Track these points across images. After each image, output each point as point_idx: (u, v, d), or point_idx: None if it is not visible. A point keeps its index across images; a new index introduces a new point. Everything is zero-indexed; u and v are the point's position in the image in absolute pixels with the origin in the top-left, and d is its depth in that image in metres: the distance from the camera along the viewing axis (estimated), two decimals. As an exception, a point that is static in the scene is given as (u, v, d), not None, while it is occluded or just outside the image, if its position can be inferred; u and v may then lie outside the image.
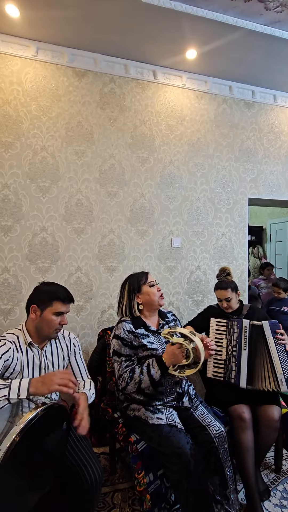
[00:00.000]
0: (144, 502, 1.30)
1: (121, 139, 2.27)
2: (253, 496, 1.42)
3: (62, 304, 1.25)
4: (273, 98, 2.72)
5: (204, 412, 1.44)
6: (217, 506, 1.30)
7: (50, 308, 1.24)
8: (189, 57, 2.19)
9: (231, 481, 1.34)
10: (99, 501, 1.48)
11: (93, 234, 2.18)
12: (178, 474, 1.22)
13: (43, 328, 1.25)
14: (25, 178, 2.03)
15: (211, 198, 2.51)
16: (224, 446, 1.34)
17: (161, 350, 1.43)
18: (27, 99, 2.05)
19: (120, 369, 1.38)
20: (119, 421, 1.52)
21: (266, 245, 5.16)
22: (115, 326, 1.49)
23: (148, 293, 1.51)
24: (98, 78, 2.22)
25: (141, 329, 1.47)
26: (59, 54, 2.10)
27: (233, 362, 1.63)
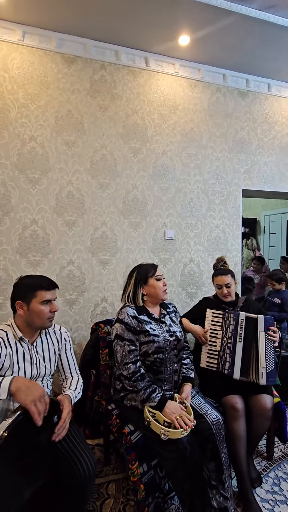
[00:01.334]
0: (138, 492, 1.32)
1: (113, 129, 2.21)
2: (244, 483, 1.45)
3: (46, 292, 1.23)
4: (267, 87, 2.68)
5: (201, 401, 1.47)
6: (212, 491, 1.33)
7: (35, 299, 1.21)
8: (182, 43, 2.12)
9: (226, 467, 1.37)
10: (94, 492, 1.50)
11: (85, 227, 2.15)
12: (174, 461, 1.24)
13: (35, 320, 1.22)
14: (13, 169, 1.97)
15: (205, 189, 2.49)
16: (221, 433, 1.37)
17: (162, 337, 1.45)
18: (14, 87, 1.97)
19: (124, 354, 1.39)
20: (113, 413, 1.52)
21: (260, 237, 5.18)
22: (119, 311, 1.51)
23: (154, 286, 1.53)
24: (88, 64, 2.14)
25: (144, 315, 1.49)
26: (46, 38, 2.02)
27: (228, 353, 1.64)
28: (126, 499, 1.48)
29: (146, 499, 1.31)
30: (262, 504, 1.46)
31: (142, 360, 1.43)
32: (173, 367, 1.46)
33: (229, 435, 1.47)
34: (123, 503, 1.46)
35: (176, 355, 1.49)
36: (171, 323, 1.56)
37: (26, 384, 1.01)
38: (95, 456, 1.75)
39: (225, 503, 1.31)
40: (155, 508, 1.35)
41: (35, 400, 0.99)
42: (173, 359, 1.47)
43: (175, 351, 1.48)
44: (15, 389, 0.99)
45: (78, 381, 1.38)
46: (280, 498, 1.50)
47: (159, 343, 1.42)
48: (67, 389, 1.32)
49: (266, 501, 1.49)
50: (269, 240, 5.03)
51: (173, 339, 1.48)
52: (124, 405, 1.44)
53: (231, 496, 1.35)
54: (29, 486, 1.05)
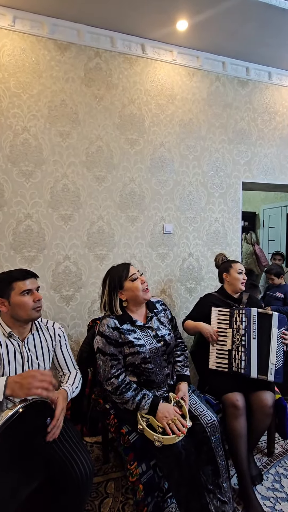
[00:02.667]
0: (137, 492, 1.29)
1: (109, 119, 2.13)
2: (245, 481, 1.43)
3: (22, 282, 1.19)
4: (268, 76, 2.59)
5: (196, 402, 1.41)
6: (209, 495, 1.29)
7: (14, 292, 1.17)
8: (180, 28, 2.04)
9: (224, 469, 1.33)
10: (92, 491, 1.47)
11: (81, 221, 2.09)
12: (169, 465, 1.21)
13: (19, 313, 1.18)
14: (6, 161, 1.90)
15: (204, 182, 2.43)
16: (216, 436, 1.32)
17: (148, 346, 1.36)
18: (4, 75, 1.89)
19: (106, 369, 1.32)
20: (111, 412, 1.49)
21: (259, 231, 5.13)
22: (100, 322, 1.41)
23: (131, 289, 1.39)
24: (82, 51, 2.06)
25: (127, 324, 1.38)
26: (38, 24, 1.93)
27: (242, 351, 1.57)
28: (125, 498, 1.46)
29: (145, 499, 1.29)
30: (263, 501, 1.44)
31: (131, 370, 1.36)
32: (164, 372, 1.39)
33: (230, 433, 1.45)
34: (122, 502, 1.44)
35: (166, 359, 1.41)
36: (159, 326, 1.45)
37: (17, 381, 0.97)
38: (94, 454, 1.74)
39: (223, 508, 1.28)
40: (155, 507, 1.33)
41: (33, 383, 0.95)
42: (163, 364, 1.39)
43: (164, 357, 1.39)
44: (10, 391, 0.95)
45: (76, 376, 1.35)
46: (281, 495, 1.49)
47: (145, 353, 1.34)
48: (64, 384, 1.29)
49: (267, 499, 1.47)
50: (268, 234, 4.98)
51: (161, 345, 1.39)
52: (118, 407, 1.39)
53: (229, 499, 1.30)
54: (24, 487, 1.02)
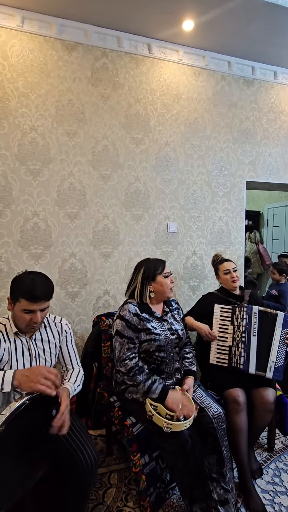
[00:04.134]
0: (140, 482, 1.34)
1: (115, 119, 2.16)
2: (245, 475, 1.46)
3: (28, 303, 1.12)
4: (273, 75, 2.60)
5: (202, 395, 1.47)
6: (213, 484, 1.33)
7: (18, 304, 1.14)
8: (186, 28, 2.05)
9: (227, 459, 1.38)
10: (96, 482, 1.52)
11: (86, 219, 2.12)
12: (175, 454, 1.25)
13: (17, 322, 1.19)
14: (14, 160, 1.94)
15: (208, 181, 2.44)
16: (222, 427, 1.38)
17: (164, 336, 1.44)
18: (13, 75, 1.92)
19: (122, 351, 1.39)
20: (115, 405, 1.53)
21: (263, 230, 5.13)
22: (121, 307, 1.50)
23: (161, 283, 1.51)
24: (89, 51, 2.08)
25: (146, 313, 1.48)
26: (46, 24, 1.96)
27: (242, 348, 1.61)
28: (128, 488, 1.50)
29: (147, 489, 1.33)
30: (262, 495, 1.48)
31: (143, 357, 1.42)
32: (174, 365, 1.46)
33: (231, 428, 1.48)
34: (125, 492, 1.48)
35: (177, 353, 1.49)
36: (173, 321, 1.55)
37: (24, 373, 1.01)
38: (98, 447, 1.78)
39: (226, 495, 1.32)
40: (157, 498, 1.37)
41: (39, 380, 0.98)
42: (175, 357, 1.47)
43: (176, 349, 1.47)
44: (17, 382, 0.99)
45: (79, 373, 1.38)
46: (280, 489, 1.52)
47: (160, 342, 1.42)
48: (66, 381, 1.31)
49: (267, 492, 1.50)
50: (272, 233, 4.98)
51: (175, 337, 1.48)
52: (125, 398, 1.44)
53: (231, 488, 1.35)
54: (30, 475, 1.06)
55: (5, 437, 0.87)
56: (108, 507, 1.40)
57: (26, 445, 1.01)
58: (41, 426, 1.07)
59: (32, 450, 1.04)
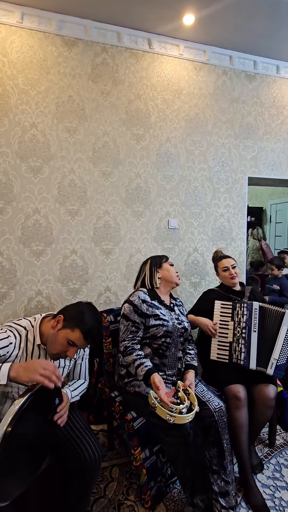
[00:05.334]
0: (141, 476, 1.35)
1: (115, 115, 2.15)
2: (246, 469, 1.47)
3: (81, 338, 1.13)
4: (276, 69, 2.57)
5: (203, 389, 1.50)
6: (213, 476, 1.35)
7: (69, 332, 1.13)
8: (187, 22, 2.03)
9: (228, 452, 1.39)
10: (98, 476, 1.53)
11: (87, 216, 2.13)
12: (176, 446, 1.26)
13: (51, 343, 1.15)
14: (15, 157, 1.95)
15: (210, 177, 2.43)
16: (223, 420, 1.40)
17: (171, 323, 1.49)
18: (13, 72, 1.92)
19: (125, 333, 1.46)
20: (116, 400, 1.54)
21: (266, 226, 5.10)
22: (131, 294, 1.56)
23: (167, 269, 1.64)
24: (89, 47, 2.07)
25: (155, 301, 1.55)
26: (46, 20, 1.95)
27: (242, 344, 1.62)
28: (129, 482, 1.52)
29: (148, 483, 1.35)
30: (263, 489, 1.48)
31: (149, 343, 1.47)
32: (177, 354, 1.49)
33: (231, 423, 1.48)
34: (126, 486, 1.50)
35: (182, 343, 1.53)
36: (180, 313, 1.62)
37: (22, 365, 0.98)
38: (100, 441, 1.79)
39: (226, 487, 1.34)
40: (157, 491, 1.39)
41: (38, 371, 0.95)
42: (179, 346, 1.51)
43: (181, 339, 1.52)
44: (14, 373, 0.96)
45: (82, 384, 1.38)
46: (281, 484, 1.52)
47: (168, 327, 1.47)
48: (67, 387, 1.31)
49: (267, 487, 1.51)
50: (275, 229, 4.95)
51: (181, 327, 1.53)
52: (128, 391, 1.46)
53: (232, 480, 1.37)
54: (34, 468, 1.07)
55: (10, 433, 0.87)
56: (110, 501, 1.42)
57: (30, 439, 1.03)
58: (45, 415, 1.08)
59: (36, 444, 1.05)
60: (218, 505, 1.32)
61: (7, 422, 0.85)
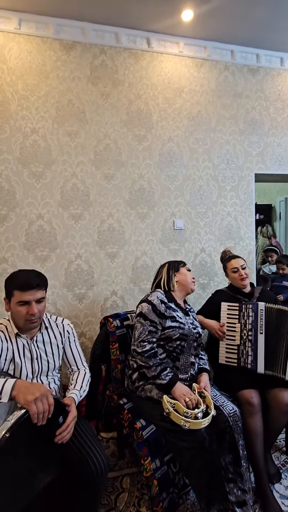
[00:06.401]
0: (152, 487, 1.30)
1: (116, 116, 2.13)
2: (262, 479, 1.40)
3: (21, 293, 1.13)
4: (280, 61, 2.49)
5: (216, 394, 1.46)
6: (229, 485, 1.29)
7: (13, 299, 1.15)
8: (185, 19, 1.99)
9: (244, 459, 1.33)
10: (108, 486, 1.49)
11: (91, 220, 2.10)
12: (191, 452, 1.21)
13: (16, 320, 1.19)
14: (16, 163, 1.94)
15: (215, 175, 2.37)
16: (238, 425, 1.34)
17: (187, 327, 1.47)
18: (13, 78, 1.92)
19: (143, 333, 1.40)
20: (125, 408, 1.50)
21: (276, 224, 4.97)
22: (148, 294, 1.53)
23: (185, 274, 1.61)
24: (87, 50, 2.06)
25: (172, 303, 1.51)
26: (43, 25, 1.95)
27: (249, 346, 1.56)
28: (141, 493, 1.47)
29: (160, 495, 1.29)
30: (281, 500, 1.41)
31: (163, 345, 1.44)
32: (190, 359, 1.46)
33: (246, 430, 1.42)
34: (138, 497, 1.45)
35: (195, 347, 1.49)
36: (194, 319, 1.59)
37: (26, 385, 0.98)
38: (110, 450, 1.76)
39: (244, 497, 1.28)
40: (170, 503, 1.33)
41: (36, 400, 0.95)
42: (192, 351, 1.47)
43: (195, 344, 1.49)
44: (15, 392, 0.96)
45: (85, 376, 1.34)
46: (300, 494, 1.44)
47: (184, 330, 1.44)
48: (72, 388, 1.28)
49: (286, 498, 1.43)
50: (285, 226, 4.81)
51: (196, 332, 1.50)
52: (139, 396, 1.42)
53: (249, 489, 1.31)
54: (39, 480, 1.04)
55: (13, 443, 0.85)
56: (121, 512, 1.37)
57: (34, 450, 1.00)
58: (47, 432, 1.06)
59: (40, 455, 1.03)
60: (235, 516, 1.25)
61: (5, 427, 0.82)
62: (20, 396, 0.94)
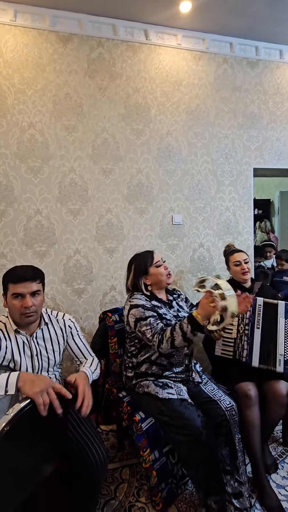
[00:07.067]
0: (151, 478, 1.32)
1: (113, 110, 2.11)
2: (259, 470, 1.42)
3: (14, 285, 1.15)
4: (279, 54, 2.47)
5: (214, 388, 1.46)
6: (226, 477, 1.32)
7: (8, 293, 1.17)
8: (183, 10, 1.96)
9: (240, 452, 1.35)
10: (108, 477, 1.52)
11: (89, 215, 2.10)
12: (189, 445, 1.23)
13: (12, 315, 1.19)
14: (14, 158, 1.93)
15: (213, 170, 2.36)
16: (234, 419, 1.36)
17: (174, 321, 1.44)
18: (9, 71, 1.90)
19: (152, 328, 1.33)
20: (124, 400, 1.52)
21: (274, 219, 4.98)
22: (127, 301, 1.49)
23: (155, 274, 1.51)
24: (84, 42, 2.03)
25: (154, 301, 1.49)
26: (39, 17, 1.92)
27: (245, 340, 1.58)
28: (140, 484, 1.50)
29: (159, 485, 1.32)
30: (278, 490, 1.44)
31: None
32: (183, 351, 1.45)
33: (243, 422, 1.44)
34: (137, 487, 1.48)
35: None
36: (179, 308, 1.56)
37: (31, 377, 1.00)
38: (109, 442, 1.79)
39: (240, 488, 1.30)
40: (168, 493, 1.36)
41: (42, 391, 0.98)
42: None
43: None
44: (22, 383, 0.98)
45: (93, 361, 1.35)
46: (296, 484, 1.47)
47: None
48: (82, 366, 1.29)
49: (282, 487, 1.46)
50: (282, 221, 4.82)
51: None
52: (137, 392, 1.44)
53: (245, 481, 1.33)
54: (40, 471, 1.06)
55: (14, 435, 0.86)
56: (120, 503, 1.40)
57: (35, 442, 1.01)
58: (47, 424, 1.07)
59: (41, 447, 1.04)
60: (232, 506, 1.28)
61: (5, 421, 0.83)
62: (26, 387, 0.96)
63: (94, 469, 1.12)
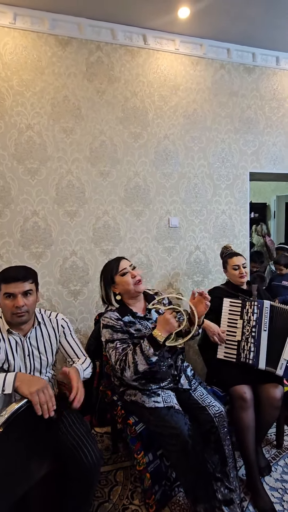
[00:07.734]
0: (144, 480, 1.32)
1: (111, 114, 2.12)
2: (253, 472, 1.43)
3: (6, 285, 1.15)
4: (275, 61, 2.50)
5: (203, 393, 1.43)
6: (217, 483, 1.31)
7: (1, 293, 1.18)
8: (182, 16, 1.99)
9: (230, 458, 1.34)
10: (102, 479, 1.52)
11: (86, 217, 2.10)
12: (176, 454, 1.22)
13: (5, 315, 1.20)
14: (11, 160, 1.93)
15: (210, 174, 2.39)
16: (223, 425, 1.34)
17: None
18: (7, 73, 1.91)
19: (117, 353, 1.31)
20: (118, 404, 1.52)
21: (270, 222, 5.02)
22: (102, 318, 1.42)
23: (121, 283, 1.41)
24: (83, 46, 2.05)
25: (128, 316, 1.41)
26: (39, 20, 1.93)
27: (251, 343, 1.57)
28: (134, 486, 1.50)
29: (152, 487, 1.32)
30: (271, 492, 1.44)
31: None
32: (166, 362, 1.40)
33: (238, 425, 1.45)
34: (131, 490, 1.48)
35: (167, 350, 1.40)
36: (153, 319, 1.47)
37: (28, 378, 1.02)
38: (104, 444, 1.78)
39: (231, 495, 1.29)
40: (162, 495, 1.36)
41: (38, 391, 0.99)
42: (165, 355, 1.41)
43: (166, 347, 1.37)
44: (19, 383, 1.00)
45: (86, 360, 1.35)
46: (289, 486, 1.48)
47: None
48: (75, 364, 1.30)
49: (275, 490, 1.47)
50: (278, 225, 4.86)
51: None
52: (125, 400, 1.42)
53: (236, 487, 1.31)
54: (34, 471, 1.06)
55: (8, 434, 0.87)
56: (114, 505, 1.39)
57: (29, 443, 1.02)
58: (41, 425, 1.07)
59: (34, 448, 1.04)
60: (222, 513, 1.28)
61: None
62: (23, 386, 0.98)
63: (88, 470, 1.11)
